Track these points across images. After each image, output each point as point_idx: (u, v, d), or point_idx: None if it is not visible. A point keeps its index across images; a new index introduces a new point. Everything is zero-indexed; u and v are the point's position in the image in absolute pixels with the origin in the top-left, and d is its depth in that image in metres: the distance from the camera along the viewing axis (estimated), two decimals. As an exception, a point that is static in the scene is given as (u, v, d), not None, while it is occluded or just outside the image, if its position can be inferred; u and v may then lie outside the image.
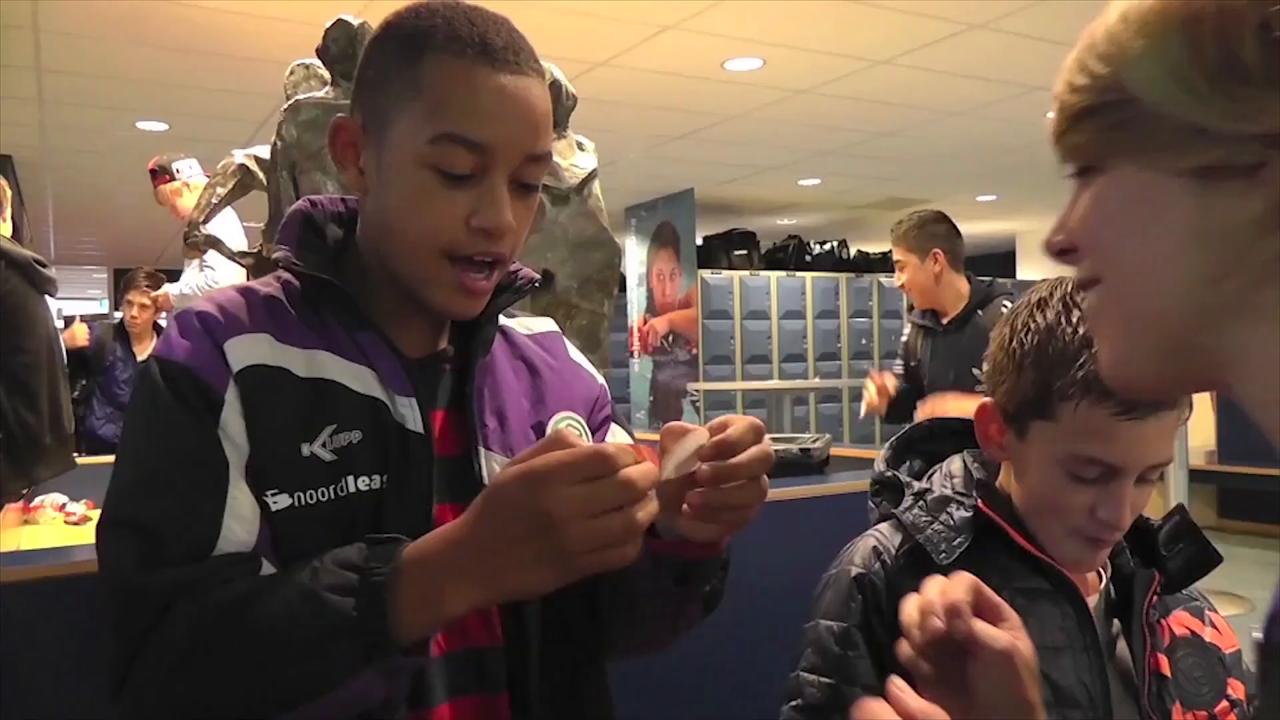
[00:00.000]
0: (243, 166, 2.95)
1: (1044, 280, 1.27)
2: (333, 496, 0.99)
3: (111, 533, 0.98)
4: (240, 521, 0.97)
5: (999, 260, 14.99)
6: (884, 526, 1.38)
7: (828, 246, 12.36)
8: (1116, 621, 1.31)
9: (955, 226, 4.29)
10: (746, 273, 11.15)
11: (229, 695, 0.90)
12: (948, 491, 1.33)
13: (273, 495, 0.98)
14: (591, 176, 3.09)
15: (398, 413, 1.03)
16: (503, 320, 1.21)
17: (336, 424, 1.00)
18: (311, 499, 0.98)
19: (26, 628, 1.59)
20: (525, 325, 1.26)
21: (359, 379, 1.03)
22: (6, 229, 3.10)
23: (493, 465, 1.07)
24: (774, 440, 2.94)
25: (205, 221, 2.90)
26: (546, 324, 1.29)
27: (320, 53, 2.64)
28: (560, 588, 0.91)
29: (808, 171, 9.62)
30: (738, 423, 0.96)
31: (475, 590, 0.87)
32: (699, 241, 10.98)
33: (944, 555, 1.26)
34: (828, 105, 7.08)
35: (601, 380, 1.30)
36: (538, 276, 1.19)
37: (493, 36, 1.00)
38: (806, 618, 1.36)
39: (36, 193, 9.42)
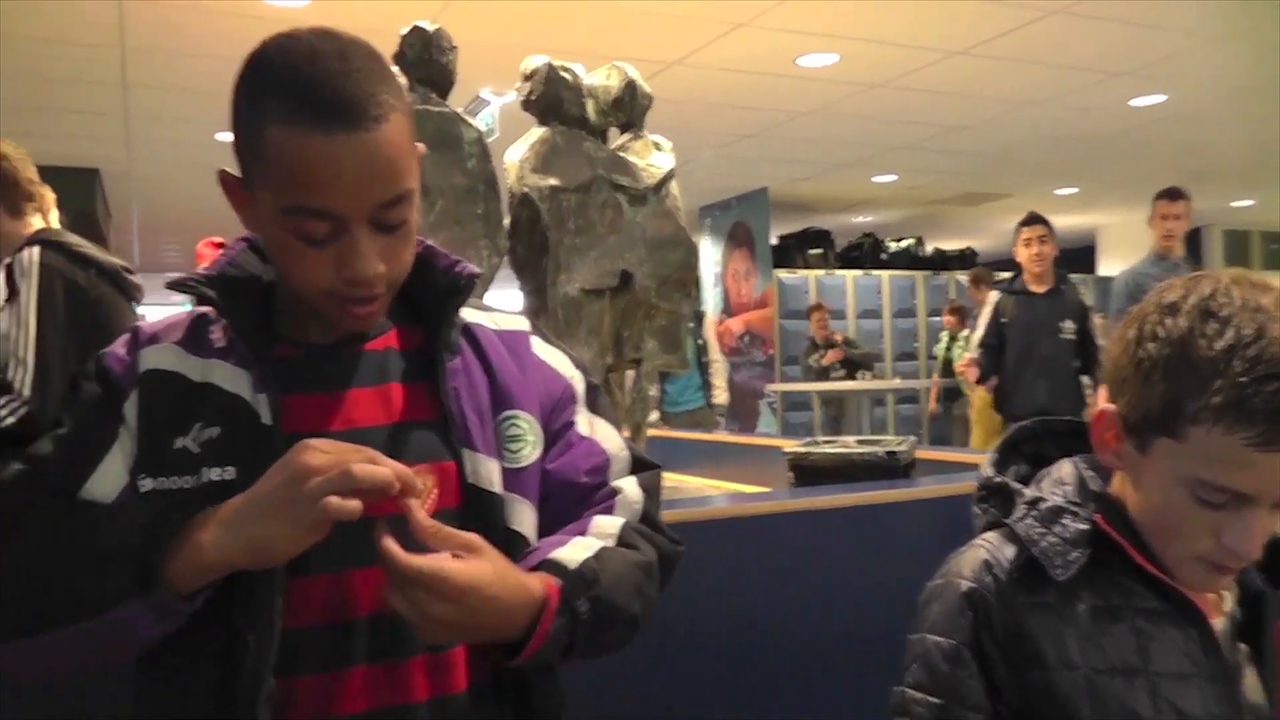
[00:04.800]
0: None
1: (1175, 280, 1.16)
2: (192, 485, 1.08)
3: (20, 460, 1.13)
4: (104, 482, 1.10)
5: (1078, 255, 14.62)
6: (992, 536, 1.30)
7: (904, 244, 12.23)
8: (1243, 645, 1.22)
9: None
10: (822, 272, 11.07)
11: (21, 594, 1.01)
12: (1059, 500, 1.25)
13: (143, 479, 1.09)
14: (669, 176, 3.08)
15: (256, 408, 1.10)
16: (472, 316, 1.26)
17: (203, 420, 1.10)
18: (174, 485, 1.08)
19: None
20: (495, 321, 1.29)
21: (232, 380, 1.12)
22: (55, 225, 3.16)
23: (478, 465, 1.15)
24: (859, 443, 2.94)
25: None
26: (517, 323, 1.32)
27: (397, 59, 2.66)
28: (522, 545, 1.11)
29: (883, 167, 9.54)
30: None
31: (226, 536, 0.98)
32: (774, 241, 10.94)
33: (1060, 571, 1.19)
34: (903, 99, 7.01)
35: (572, 380, 1.31)
36: (478, 271, 1.23)
37: (321, 90, 1.01)
38: (894, 621, 1.31)
39: (122, 203, 9.63)
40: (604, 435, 1.30)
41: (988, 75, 6.53)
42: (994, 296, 5.42)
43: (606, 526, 1.21)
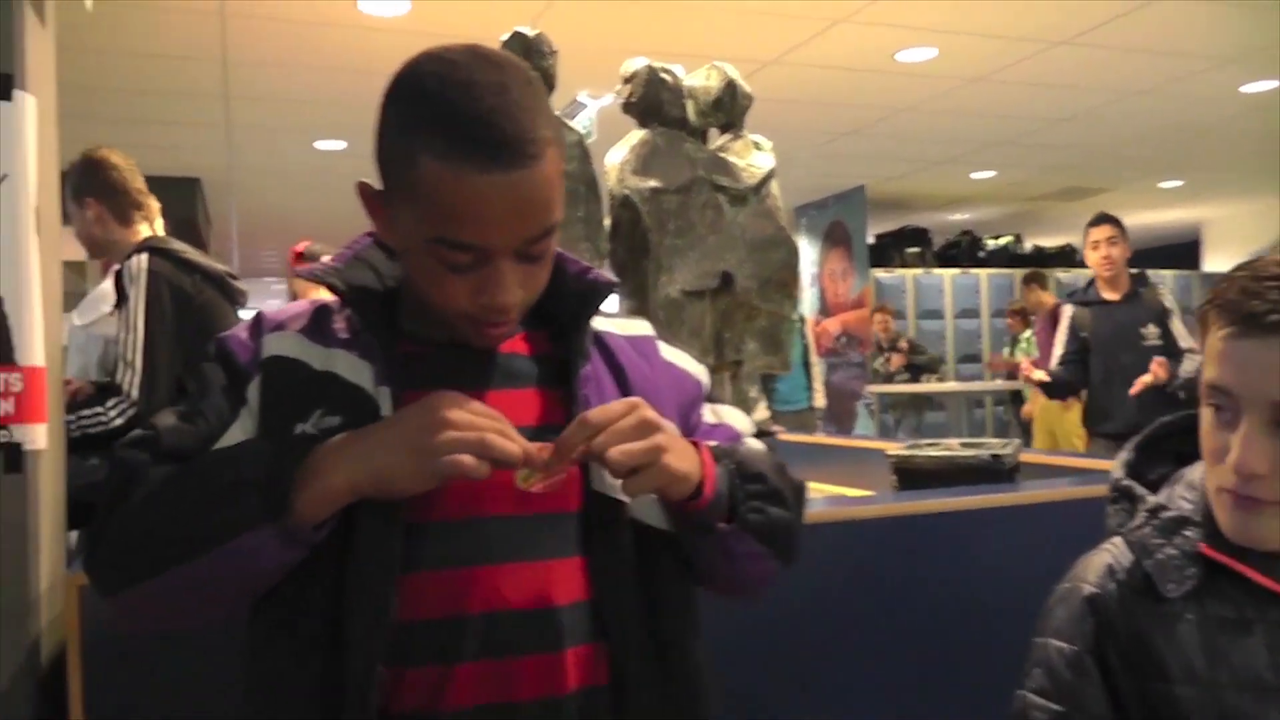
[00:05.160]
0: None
1: None
2: None
3: (141, 426, 1.18)
4: None
5: (1181, 251, 14.24)
6: (1120, 540, 1.25)
7: (1002, 241, 12.02)
8: None
9: None
10: (919, 271, 10.93)
11: (147, 532, 1.06)
12: (1186, 507, 1.19)
13: None
14: (769, 176, 3.04)
15: (377, 400, 1.11)
16: (599, 323, 1.26)
17: (324, 408, 1.11)
18: None
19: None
20: (621, 327, 1.30)
21: (354, 371, 1.13)
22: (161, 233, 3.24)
23: (604, 472, 1.12)
24: (963, 445, 2.87)
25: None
26: (642, 328, 1.33)
27: (497, 62, 2.66)
28: (647, 547, 1.13)
29: (981, 163, 9.39)
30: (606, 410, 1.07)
31: (354, 463, 1.02)
32: (870, 240, 10.82)
33: (1172, 587, 1.14)
34: (1003, 93, 6.89)
35: (699, 375, 1.34)
36: (614, 279, 1.23)
37: (483, 132, 1.00)
38: (1001, 626, 1.27)
39: (222, 211, 9.84)
40: (731, 418, 1.34)
41: (1091, 65, 6.37)
42: (1069, 310, 5.12)
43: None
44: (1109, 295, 4.89)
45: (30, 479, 1.71)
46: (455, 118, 1.00)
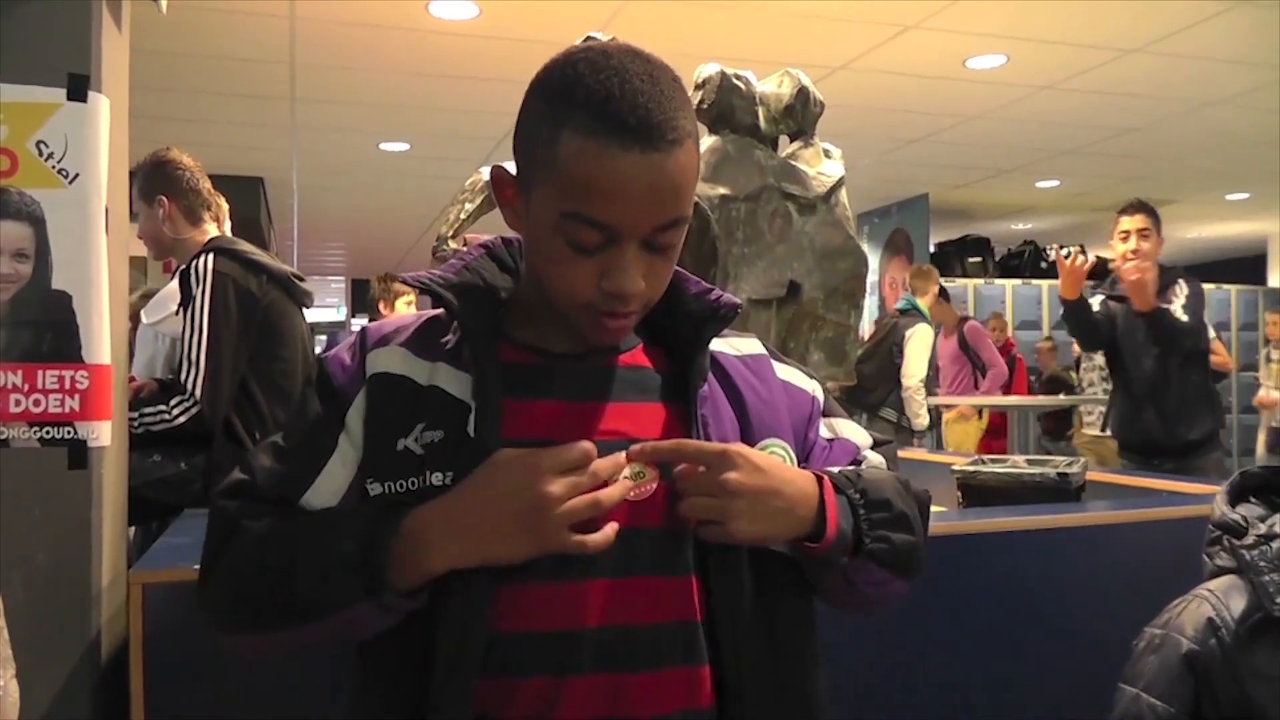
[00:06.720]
0: (489, 182, 2.96)
1: None
2: (416, 487, 1.11)
3: (237, 467, 1.20)
4: (325, 491, 1.14)
5: (1247, 265, 13.98)
6: (1219, 584, 1.19)
7: (1065, 252, 11.84)
8: None
9: None
10: (980, 281, 10.78)
11: (251, 598, 1.10)
12: None
13: (370, 483, 1.13)
14: (839, 185, 2.99)
15: (474, 414, 1.12)
16: (713, 345, 1.26)
17: (426, 422, 1.12)
18: (401, 488, 1.11)
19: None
20: (734, 346, 1.30)
21: (458, 385, 1.14)
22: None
23: None
24: (1029, 463, 2.81)
25: (454, 236, 2.93)
26: (754, 345, 1.33)
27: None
28: (766, 570, 1.13)
29: (1046, 173, 9.28)
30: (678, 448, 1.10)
31: (456, 552, 1.04)
32: (931, 248, 10.71)
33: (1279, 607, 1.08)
34: (1072, 101, 6.79)
35: (813, 391, 1.33)
36: (739, 302, 1.23)
37: (628, 113, 1.02)
38: (1063, 649, 1.20)
39: (283, 210, 9.94)
40: (848, 431, 1.34)
41: (1164, 74, 6.26)
42: (1098, 299, 4.79)
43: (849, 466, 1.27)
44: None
45: (94, 475, 1.73)
46: (603, 96, 1.02)
